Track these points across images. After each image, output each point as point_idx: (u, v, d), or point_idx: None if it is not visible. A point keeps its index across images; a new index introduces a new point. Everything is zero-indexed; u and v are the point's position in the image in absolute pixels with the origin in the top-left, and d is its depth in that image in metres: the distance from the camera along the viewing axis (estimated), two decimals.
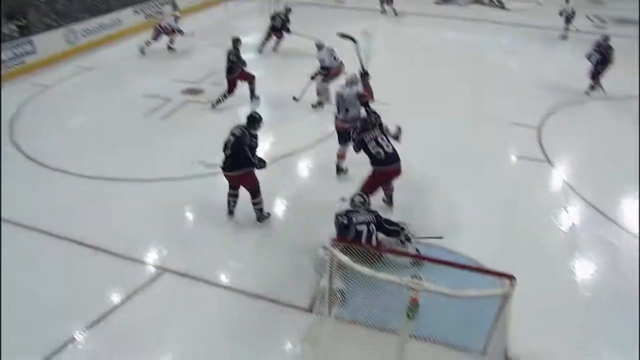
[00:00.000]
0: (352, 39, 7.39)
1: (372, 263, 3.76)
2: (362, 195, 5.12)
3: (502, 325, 3.70)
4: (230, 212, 5.98)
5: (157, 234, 5.72)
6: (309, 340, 4.25)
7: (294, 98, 9.11)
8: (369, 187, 5.68)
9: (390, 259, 4.29)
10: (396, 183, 6.03)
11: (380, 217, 5.05)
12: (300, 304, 4.77)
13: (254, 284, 5.01)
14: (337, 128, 6.82)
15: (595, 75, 9.80)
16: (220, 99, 8.91)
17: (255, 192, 5.72)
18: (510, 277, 3.45)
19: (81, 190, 6.54)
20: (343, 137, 6.68)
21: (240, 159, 5.44)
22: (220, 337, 4.43)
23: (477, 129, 8.41)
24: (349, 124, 6.48)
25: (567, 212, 6.44)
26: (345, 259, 3.49)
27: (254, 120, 5.55)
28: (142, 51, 11.68)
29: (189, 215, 6.16)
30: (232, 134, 5.51)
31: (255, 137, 5.52)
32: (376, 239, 4.91)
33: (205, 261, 5.32)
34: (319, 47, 9.01)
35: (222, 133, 5.63)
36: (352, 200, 5.08)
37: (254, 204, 5.78)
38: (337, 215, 4.92)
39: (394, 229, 5.03)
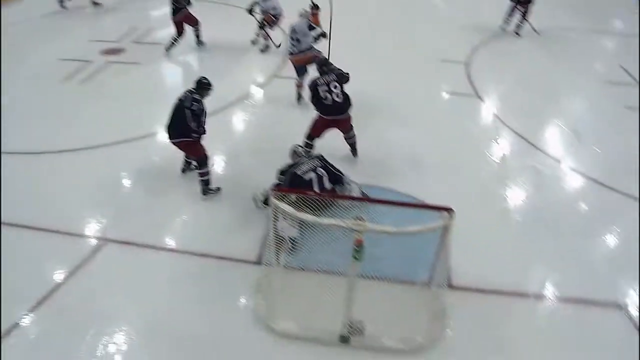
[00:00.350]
0: None
1: (321, 209, 3.81)
2: (301, 146, 5.13)
3: (443, 256, 3.89)
4: (183, 171, 5.82)
5: (93, 204, 5.45)
6: (260, 291, 4.30)
7: (277, 46, 9.00)
8: (312, 131, 5.85)
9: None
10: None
11: (325, 160, 5.03)
12: (249, 257, 4.77)
13: (199, 243, 4.94)
14: (292, 63, 7.17)
15: (522, 14, 9.97)
16: (172, 43, 8.75)
17: (200, 161, 5.36)
18: (449, 210, 3.59)
19: (4, 168, 6.05)
20: (299, 70, 7.13)
21: (181, 126, 5.14)
22: (172, 300, 4.36)
23: (409, 67, 8.51)
24: (303, 54, 6.94)
25: (498, 143, 6.74)
26: (287, 207, 3.49)
27: (202, 85, 5.22)
28: (63, 5, 10.70)
29: (125, 182, 5.88)
30: (178, 98, 5.21)
31: (200, 102, 5.14)
32: (330, 182, 4.87)
33: (147, 227, 5.15)
34: None
35: (149, 93, 5.37)
36: (294, 152, 5.07)
37: (198, 174, 5.42)
38: (281, 172, 4.88)
39: (338, 174, 5.03)
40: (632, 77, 8.77)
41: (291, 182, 4.75)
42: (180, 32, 8.76)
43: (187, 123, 5.08)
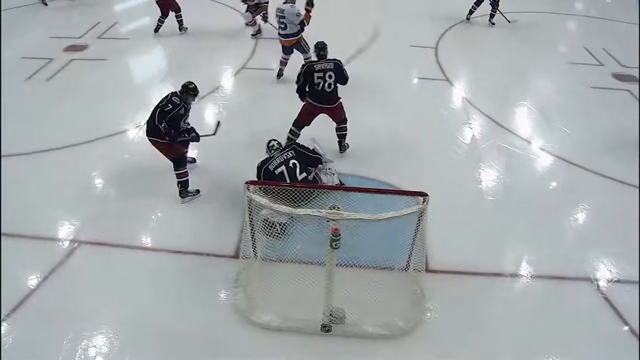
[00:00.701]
0: None
1: (298, 200, 3.81)
2: (275, 139, 5.15)
3: (420, 241, 3.94)
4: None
5: (63, 206, 5.30)
6: (240, 285, 4.29)
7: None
8: (301, 117, 5.83)
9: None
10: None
11: (299, 147, 5.00)
12: (226, 251, 4.74)
13: (175, 240, 4.87)
14: (280, 42, 7.48)
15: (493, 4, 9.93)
16: (158, 25, 9.07)
17: (176, 162, 5.20)
18: (423, 195, 3.63)
19: None
20: (286, 49, 7.51)
21: (156, 127, 5.03)
22: (150, 299, 4.30)
23: (378, 53, 8.49)
24: (292, 37, 7.27)
25: (471, 128, 6.83)
26: (262, 199, 3.48)
27: (186, 90, 5.04)
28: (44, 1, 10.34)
29: (96, 181, 5.73)
30: (164, 96, 5.10)
31: (176, 106, 4.97)
32: (303, 170, 4.83)
33: (121, 226, 5.05)
34: None
35: (116, 90, 5.24)
36: (268, 146, 5.09)
37: (176, 175, 5.25)
38: (257, 168, 4.86)
39: (315, 157, 5.03)
40: (595, 59, 8.99)
41: (263, 178, 4.73)
42: (164, 12, 8.99)
43: (155, 120, 5.00)
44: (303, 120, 5.83)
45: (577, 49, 8.91)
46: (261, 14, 8.92)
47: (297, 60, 7.30)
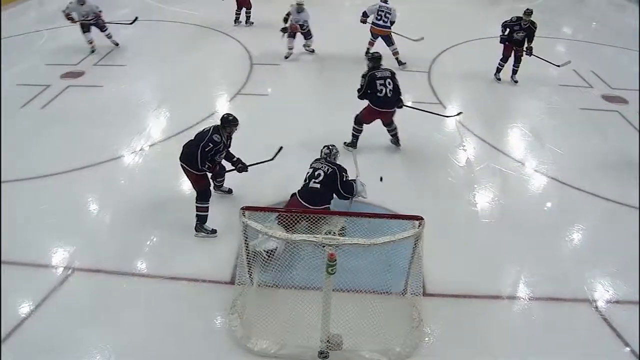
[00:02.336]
0: None
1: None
2: (328, 147, 5.24)
3: (416, 265, 3.93)
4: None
5: (58, 233, 5.26)
6: (236, 311, 4.24)
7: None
8: (366, 118, 6.47)
9: None
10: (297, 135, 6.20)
11: (339, 173, 4.96)
12: (222, 277, 4.70)
13: (170, 267, 4.83)
14: (375, 31, 9.12)
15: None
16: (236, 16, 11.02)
17: (200, 194, 5.09)
18: (419, 218, 3.64)
19: None
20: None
21: (189, 155, 4.96)
22: (145, 326, 4.25)
23: None
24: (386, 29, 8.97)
25: (465, 150, 6.89)
26: (257, 225, 3.47)
27: (227, 122, 4.97)
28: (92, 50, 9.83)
29: (91, 207, 5.71)
30: (205, 129, 5.02)
31: (219, 144, 4.89)
32: (323, 185, 4.85)
33: (116, 253, 5.00)
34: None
35: (112, 116, 5.27)
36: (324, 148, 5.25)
37: (196, 207, 5.12)
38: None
39: (344, 193, 4.98)
40: (584, 80, 9.14)
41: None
42: (239, 5, 10.78)
43: (195, 157, 4.88)
44: (364, 119, 6.49)
45: (566, 72, 9.03)
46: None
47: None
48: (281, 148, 5.43)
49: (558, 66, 8.61)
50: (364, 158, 6.04)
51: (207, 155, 4.87)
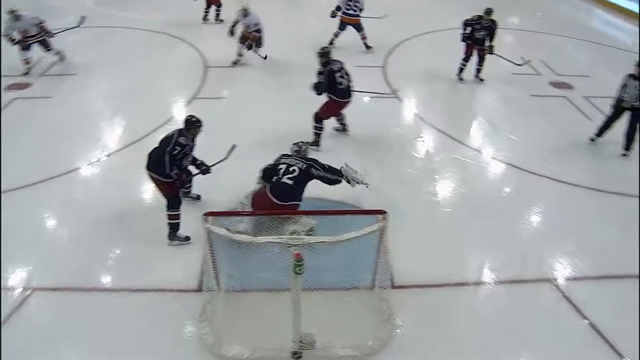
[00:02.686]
0: None
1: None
2: (297, 144, 5.12)
3: (383, 258, 3.98)
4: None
5: (13, 252, 5.00)
6: (205, 319, 4.18)
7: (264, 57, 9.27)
8: (328, 113, 6.56)
9: None
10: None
11: (315, 165, 4.92)
12: (190, 285, 4.61)
13: (135, 278, 4.69)
14: (345, 20, 9.59)
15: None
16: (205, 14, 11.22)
17: (170, 201, 4.95)
18: (382, 212, 3.68)
19: None
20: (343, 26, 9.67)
21: (157, 162, 4.83)
22: (114, 341, 4.11)
23: None
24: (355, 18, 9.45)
25: (423, 141, 7.01)
26: (221, 230, 3.43)
27: (188, 123, 4.89)
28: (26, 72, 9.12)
29: (48, 224, 5.47)
30: (166, 134, 4.91)
31: (183, 146, 4.80)
32: (296, 182, 4.78)
33: (77, 268, 4.81)
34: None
35: (63, 128, 5.08)
36: (296, 145, 5.13)
37: (167, 215, 4.98)
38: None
39: (332, 178, 4.96)
40: (533, 69, 9.45)
41: (266, 168, 4.97)
42: (209, 4, 10.99)
43: (162, 162, 4.76)
44: (326, 115, 6.56)
45: (516, 61, 9.31)
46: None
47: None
48: (234, 146, 5.36)
49: (519, 65, 8.77)
50: (322, 157, 6.06)
51: (174, 160, 4.77)
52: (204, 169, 5.15)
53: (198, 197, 5.64)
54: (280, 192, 4.73)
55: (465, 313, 4.48)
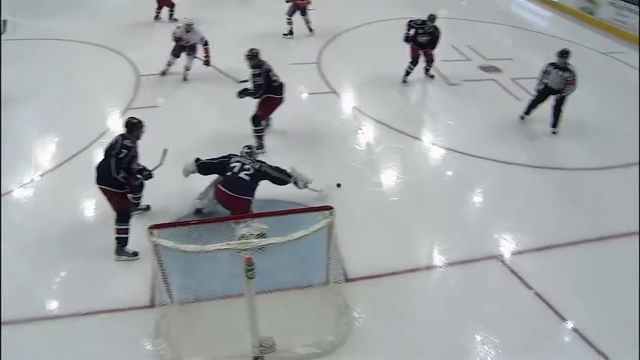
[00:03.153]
0: None
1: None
2: (248, 146, 5.33)
3: (334, 253, 4.01)
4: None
5: None
6: (161, 334, 4.06)
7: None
8: (266, 112, 6.55)
9: None
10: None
11: (267, 167, 5.18)
12: (141, 302, 4.43)
13: (83, 302, 4.44)
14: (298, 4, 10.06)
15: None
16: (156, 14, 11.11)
17: (120, 215, 4.79)
18: (329, 208, 3.70)
19: None
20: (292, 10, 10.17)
21: (104, 171, 4.65)
22: None
23: None
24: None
25: (363, 133, 7.11)
26: (168, 243, 3.35)
27: (133, 126, 4.77)
28: None
29: None
30: (110, 142, 4.76)
31: (130, 148, 4.66)
32: (251, 179, 4.98)
33: (16, 298, 4.47)
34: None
35: None
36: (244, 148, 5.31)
37: (116, 230, 4.81)
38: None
39: (283, 178, 5.23)
40: (462, 55, 9.81)
41: (206, 162, 5.21)
42: (160, 5, 11.02)
43: (111, 171, 4.60)
44: (265, 114, 6.54)
45: (446, 48, 9.62)
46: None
47: None
48: (166, 150, 5.25)
49: (454, 84, 8.70)
50: (266, 157, 6.05)
51: (121, 164, 4.62)
52: (146, 173, 5.02)
53: (147, 208, 5.49)
54: (235, 185, 4.93)
55: (420, 297, 4.60)
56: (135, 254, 4.89)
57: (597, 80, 6.86)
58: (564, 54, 6.84)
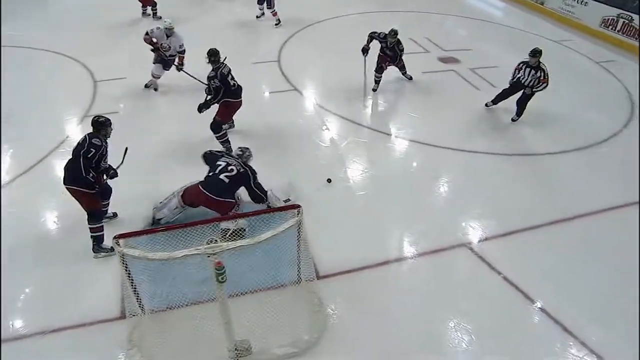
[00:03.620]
0: None
1: None
2: (241, 149, 5.27)
3: (304, 251, 4.00)
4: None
5: None
6: (134, 345, 3.98)
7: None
8: (226, 117, 6.42)
9: None
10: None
11: (251, 175, 5.04)
12: (111, 314, 4.31)
13: (50, 319, 4.26)
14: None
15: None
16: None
17: (91, 215, 4.73)
18: (297, 207, 3.70)
19: None
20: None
21: (73, 171, 4.53)
22: None
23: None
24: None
25: (328, 129, 7.12)
26: (135, 252, 3.27)
27: (100, 125, 4.66)
28: None
29: None
30: (78, 142, 4.62)
31: (102, 147, 4.57)
32: (231, 182, 4.90)
33: None
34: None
35: None
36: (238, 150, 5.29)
37: (90, 229, 4.77)
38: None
39: (258, 195, 5.06)
40: (421, 47, 9.94)
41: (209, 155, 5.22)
42: (144, 3, 10.99)
43: (81, 171, 4.50)
44: (226, 119, 6.43)
45: (405, 41, 9.71)
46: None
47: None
48: (126, 149, 5.09)
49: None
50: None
51: (91, 163, 4.53)
52: (112, 172, 4.90)
53: (114, 215, 5.36)
54: (215, 186, 4.87)
55: (392, 290, 4.65)
56: (112, 249, 4.69)
57: (551, 67, 7.05)
58: (536, 53, 6.99)
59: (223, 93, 6.14)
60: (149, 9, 11.28)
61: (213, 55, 6.10)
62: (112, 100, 7.83)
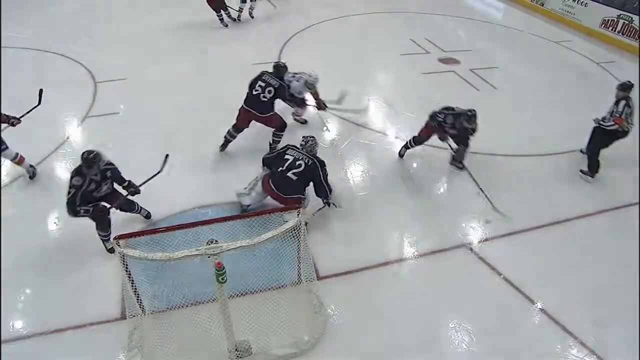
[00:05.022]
0: None
1: None
2: (304, 137, 5.14)
3: (305, 252, 4.01)
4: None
5: None
6: (135, 346, 3.98)
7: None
8: (238, 121, 6.22)
9: None
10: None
11: (320, 167, 4.96)
12: (112, 315, 4.33)
13: (50, 320, 4.28)
14: None
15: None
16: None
17: (98, 225, 4.72)
18: (297, 208, 3.70)
19: None
20: None
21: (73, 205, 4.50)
22: None
23: (229, 77, 8.49)
24: None
25: (329, 130, 7.12)
26: (135, 253, 3.28)
27: (85, 161, 4.43)
28: None
29: None
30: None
31: (76, 186, 4.44)
32: (299, 178, 4.86)
33: None
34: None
35: None
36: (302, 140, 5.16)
37: (98, 234, 4.81)
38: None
39: (324, 190, 4.98)
40: (421, 48, 9.95)
41: (266, 158, 5.21)
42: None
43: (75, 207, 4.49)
44: (236, 122, 6.21)
45: (405, 42, 9.75)
46: None
47: None
48: (167, 156, 5.08)
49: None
50: (229, 160, 6.00)
51: (74, 200, 4.45)
52: (132, 190, 4.83)
53: (148, 216, 5.33)
54: (282, 184, 4.87)
55: (392, 290, 4.64)
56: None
57: (551, 67, 7.06)
58: (626, 87, 5.97)
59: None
60: (223, 15, 10.75)
61: (280, 67, 6.24)
62: (112, 101, 7.83)
